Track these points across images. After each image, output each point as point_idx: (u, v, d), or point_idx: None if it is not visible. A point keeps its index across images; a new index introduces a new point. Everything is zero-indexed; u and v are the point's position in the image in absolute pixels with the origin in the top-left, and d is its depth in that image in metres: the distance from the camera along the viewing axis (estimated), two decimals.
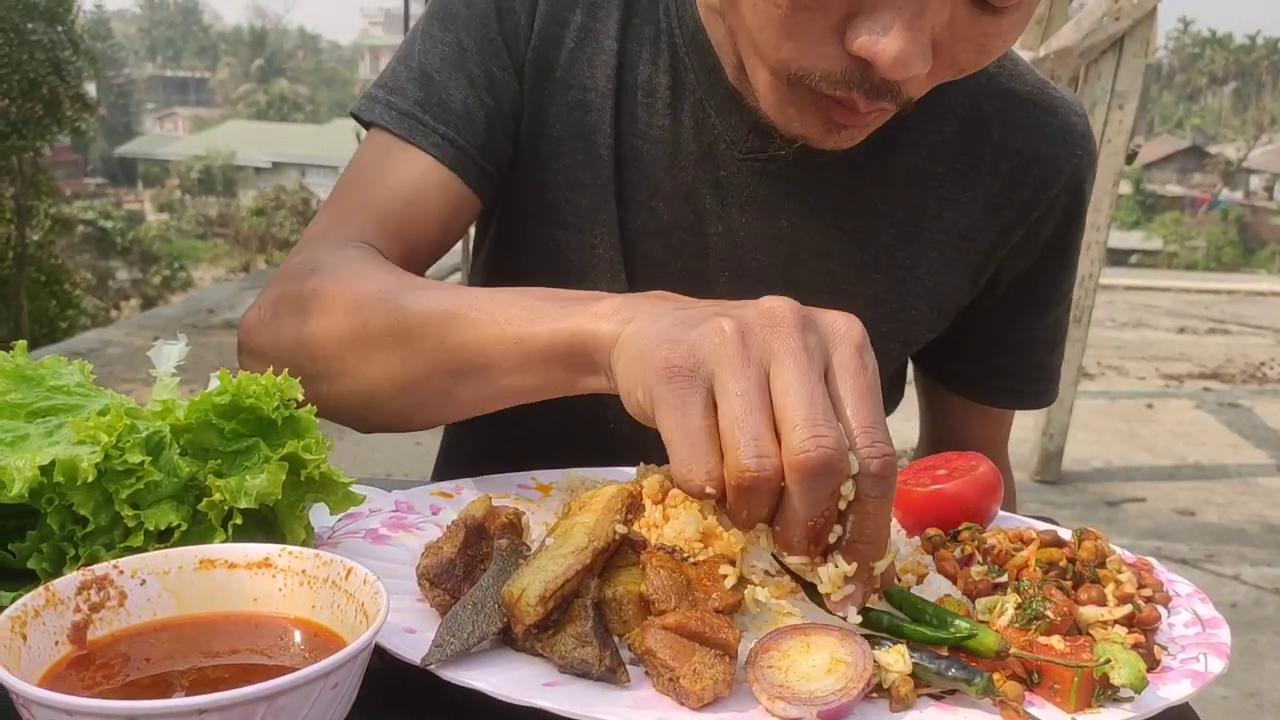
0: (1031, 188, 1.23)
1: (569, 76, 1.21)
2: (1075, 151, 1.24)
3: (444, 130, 1.17)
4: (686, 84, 1.18)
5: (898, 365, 1.35)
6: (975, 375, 1.36)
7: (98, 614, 0.67)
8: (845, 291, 1.22)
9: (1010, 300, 1.31)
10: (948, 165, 1.22)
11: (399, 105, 1.18)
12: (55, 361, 0.85)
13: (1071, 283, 1.35)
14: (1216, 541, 5.88)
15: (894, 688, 0.69)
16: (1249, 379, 10.12)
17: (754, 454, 0.68)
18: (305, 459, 0.79)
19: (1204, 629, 0.82)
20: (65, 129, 14.65)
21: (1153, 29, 5.67)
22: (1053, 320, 1.35)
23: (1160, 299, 14.68)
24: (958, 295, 1.27)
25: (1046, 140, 1.23)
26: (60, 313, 15.22)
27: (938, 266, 1.24)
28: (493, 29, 1.20)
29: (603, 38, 1.20)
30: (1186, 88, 74.46)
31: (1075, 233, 1.30)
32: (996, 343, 1.34)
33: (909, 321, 1.26)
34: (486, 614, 0.72)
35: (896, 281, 1.24)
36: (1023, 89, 1.24)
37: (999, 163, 1.22)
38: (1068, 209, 1.26)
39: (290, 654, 0.67)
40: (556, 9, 1.20)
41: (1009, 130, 1.22)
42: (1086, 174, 1.27)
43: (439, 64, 1.19)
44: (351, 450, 6.74)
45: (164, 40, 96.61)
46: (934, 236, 1.23)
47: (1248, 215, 40.10)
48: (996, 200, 1.23)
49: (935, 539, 0.94)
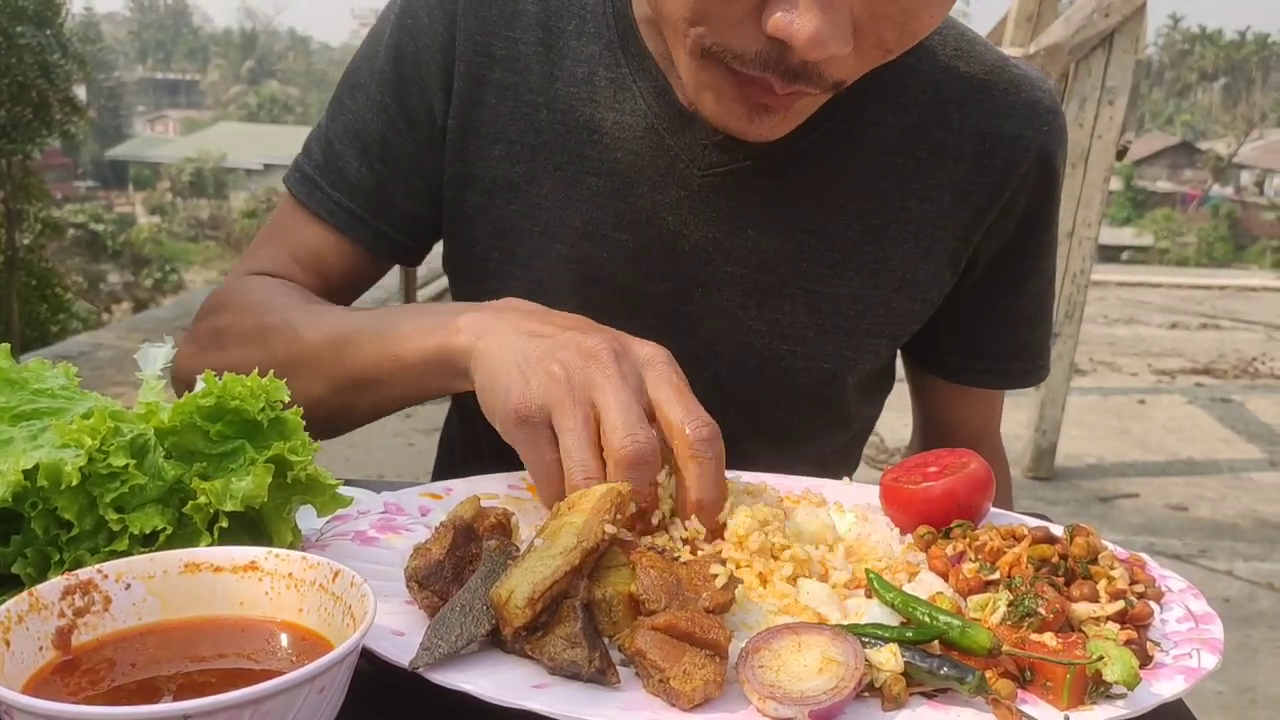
0: (999, 169, 1.22)
1: (495, 131, 1.23)
2: (1041, 127, 1.23)
3: (337, 197, 1.27)
4: (635, 112, 1.19)
5: (886, 360, 1.35)
6: (958, 359, 1.36)
7: (82, 619, 0.66)
8: (819, 293, 1.23)
9: (988, 281, 1.30)
10: (908, 155, 1.21)
11: (304, 168, 1.30)
12: (40, 365, 0.85)
13: (1050, 259, 1.34)
14: (1210, 537, 5.89)
15: (886, 687, 0.69)
16: (1241, 374, 10.15)
17: (581, 476, 0.85)
18: (292, 461, 0.79)
19: (1197, 624, 0.82)
20: (55, 132, 14.59)
21: (1142, 25, 5.68)
22: (1032, 296, 1.34)
23: (1152, 295, 14.72)
24: (939, 284, 1.27)
25: (1011, 120, 1.22)
26: (51, 316, 15.17)
27: (913, 257, 1.23)
28: (389, 99, 1.25)
29: (525, 92, 1.22)
30: (1176, 84, 74.66)
31: (1050, 208, 1.29)
32: (976, 324, 1.33)
33: (890, 315, 1.26)
34: (475, 616, 0.71)
35: (871, 276, 1.23)
36: (981, 70, 1.22)
37: (963, 147, 1.21)
38: (1038, 185, 1.25)
39: (277, 658, 0.67)
40: (474, 68, 1.22)
41: (970, 113, 1.21)
42: (1056, 148, 1.25)
43: (341, 131, 1.28)
44: (343, 452, 6.73)
45: (154, 43, 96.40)
46: (903, 228, 1.22)
47: (1238, 211, 40.21)
48: (964, 185, 1.22)
49: (927, 536, 0.93)
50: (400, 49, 1.24)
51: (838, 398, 1.31)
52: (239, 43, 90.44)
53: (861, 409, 1.38)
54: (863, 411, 1.39)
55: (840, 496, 1.06)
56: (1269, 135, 53.22)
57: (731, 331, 1.24)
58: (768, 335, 1.24)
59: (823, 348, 1.25)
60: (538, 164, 1.22)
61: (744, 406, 1.24)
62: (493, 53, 1.22)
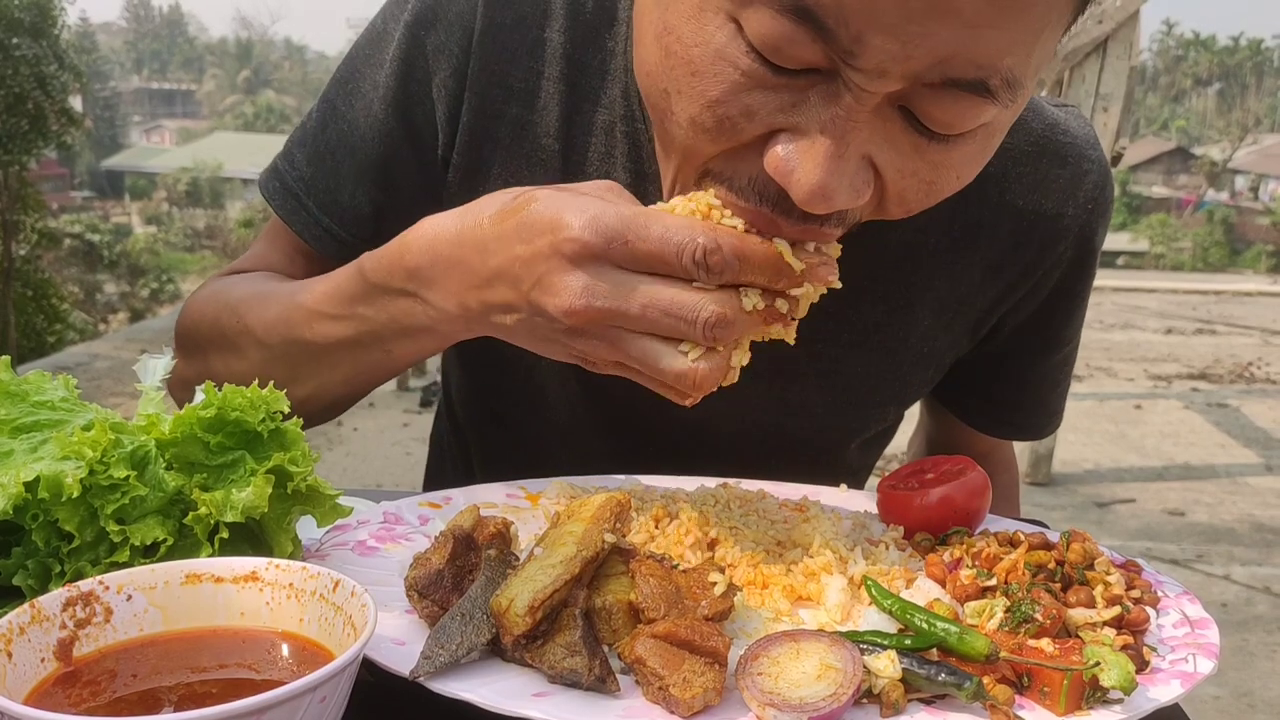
0: (1036, 248, 1.15)
1: (505, 173, 1.12)
2: (1086, 205, 1.15)
3: (326, 223, 1.16)
4: (649, 175, 1.09)
5: (891, 422, 1.32)
6: (975, 405, 1.32)
7: (84, 630, 0.66)
8: (835, 371, 1.17)
9: (1011, 347, 1.24)
10: (940, 234, 1.13)
11: (285, 178, 1.18)
12: (40, 377, 0.85)
13: (1079, 326, 1.27)
14: (1206, 541, 5.90)
15: (884, 693, 0.69)
16: (1237, 379, 10.17)
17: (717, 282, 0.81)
18: (292, 471, 0.79)
19: (1193, 629, 0.82)
20: (51, 143, 14.61)
21: (1136, 31, 5.70)
22: (1058, 361, 1.29)
23: (1148, 300, 14.75)
24: (955, 350, 1.22)
25: (1053, 197, 1.14)
26: (48, 327, 15.15)
27: (933, 331, 1.18)
28: (394, 118, 1.13)
29: (542, 135, 1.11)
30: (1171, 89, 74.82)
31: (1085, 280, 1.21)
32: (996, 384, 1.28)
33: (904, 387, 1.22)
34: (475, 625, 0.71)
35: (888, 354, 1.18)
36: (1026, 142, 1.13)
37: (999, 225, 1.13)
38: (1076, 259, 1.18)
39: (278, 668, 0.67)
40: (488, 101, 1.11)
41: (1009, 188, 1.13)
42: (1099, 224, 1.17)
43: (335, 143, 1.15)
44: (341, 462, 6.73)
45: (150, 53, 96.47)
46: (927, 306, 1.16)
47: (1233, 216, 40.25)
48: (997, 262, 1.15)
49: (924, 543, 0.94)
50: (410, 64, 1.11)
51: (840, 460, 1.29)
52: (235, 52, 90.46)
53: (864, 460, 1.36)
54: (865, 462, 1.37)
55: (838, 504, 1.06)
56: (1264, 140, 53.34)
57: (737, 409, 1.16)
58: (775, 411, 1.19)
59: (830, 420, 1.22)
60: None
61: (744, 468, 1.17)
62: (510, 85, 1.10)
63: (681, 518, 0.93)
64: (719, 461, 1.18)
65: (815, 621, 0.82)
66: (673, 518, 0.94)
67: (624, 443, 1.22)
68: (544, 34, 1.09)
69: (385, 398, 8.84)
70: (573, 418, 1.24)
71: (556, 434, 1.25)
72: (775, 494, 1.05)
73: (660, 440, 1.20)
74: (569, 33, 1.09)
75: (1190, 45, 74.80)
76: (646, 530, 0.93)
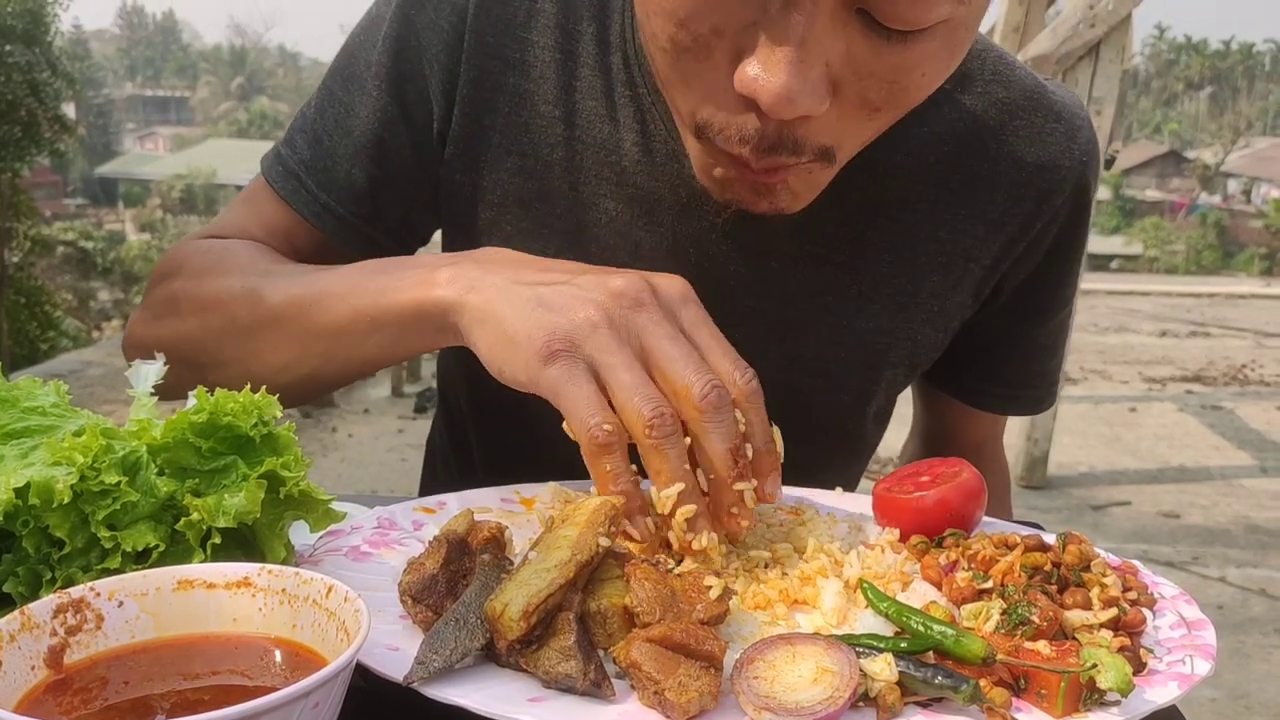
0: (1034, 199, 1.18)
1: (507, 142, 1.14)
2: (1080, 156, 1.18)
3: (324, 199, 1.18)
4: (655, 136, 1.12)
5: (903, 388, 1.32)
6: (972, 382, 1.32)
7: (75, 637, 0.66)
8: (846, 326, 1.18)
9: (1011, 309, 1.26)
10: (941, 186, 1.16)
11: (287, 161, 1.20)
12: (31, 383, 0.84)
13: (1074, 288, 1.30)
14: (1202, 543, 5.91)
15: (880, 696, 0.69)
16: (1230, 381, 10.20)
17: (652, 410, 0.79)
18: (284, 476, 0.78)
19: (1189, 631, 0.82)
20: (44, 150, 14.61)
21: (1128, 35, 5.72)
22: (1054, 326, 1.30)
23: (1142, 303, 14.79)
24: (961, 312, 1.23)
25: (1049, 149, 1.17)
26: (41, 334, 15.13)
27: (942, 288, 1.19)
28: (387, 96, 1.16)
29: (540, 102, 1.13)
30: (1163, 93, 75.08)
31: (1079, 238, 1.25)
32: (995, 350, 1.30)
33: (915, 347, 1.22)
34: (469, 630, 0.71)
35: (899, 309, 1.19)
36: (1019, 95, 1.17)
37: (998, 177, 1.16)
38: (1071, 215, 1.21)
39: (271, 674, 0.67)
40: (485, 73, 1.13)
41: (1006, 141, 1.16)
42: (1091, 180, 1.21)
43: (332, 127, 1.18)
44: (335, 467, 6.72)
45: (143, 60, 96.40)
46: (932, 259, 1.17)
47: (1226, 219, 40.37)
48: (997, 216, 1.18)
49: (920, 546, 0.94)
50: (401, 41, 1.14)
51: (856, 430, 1.28)
52: (228, 59, 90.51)
53: (874, 436, 1.36)
54: (874, 437, 1.37)
55: (833, 507, 1.06)
56: (1255, 143, 53.52)
57: (752, 366, 1.18)
58: (789, 370, 1.19)
59: (844, 381, 1.22)
60: (551, 181, 1.14)
61: None
62: (506, 56, 1.13)
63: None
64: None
65: (811, 625, 0.82)
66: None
67: None
68: (536, 4, 1.13)
69: (379, 404, 8.84)
70: None
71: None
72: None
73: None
74: (561, 3, 1.12)
75: (1182, 49, 75.07)
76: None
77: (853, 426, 1.28)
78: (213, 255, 1.17)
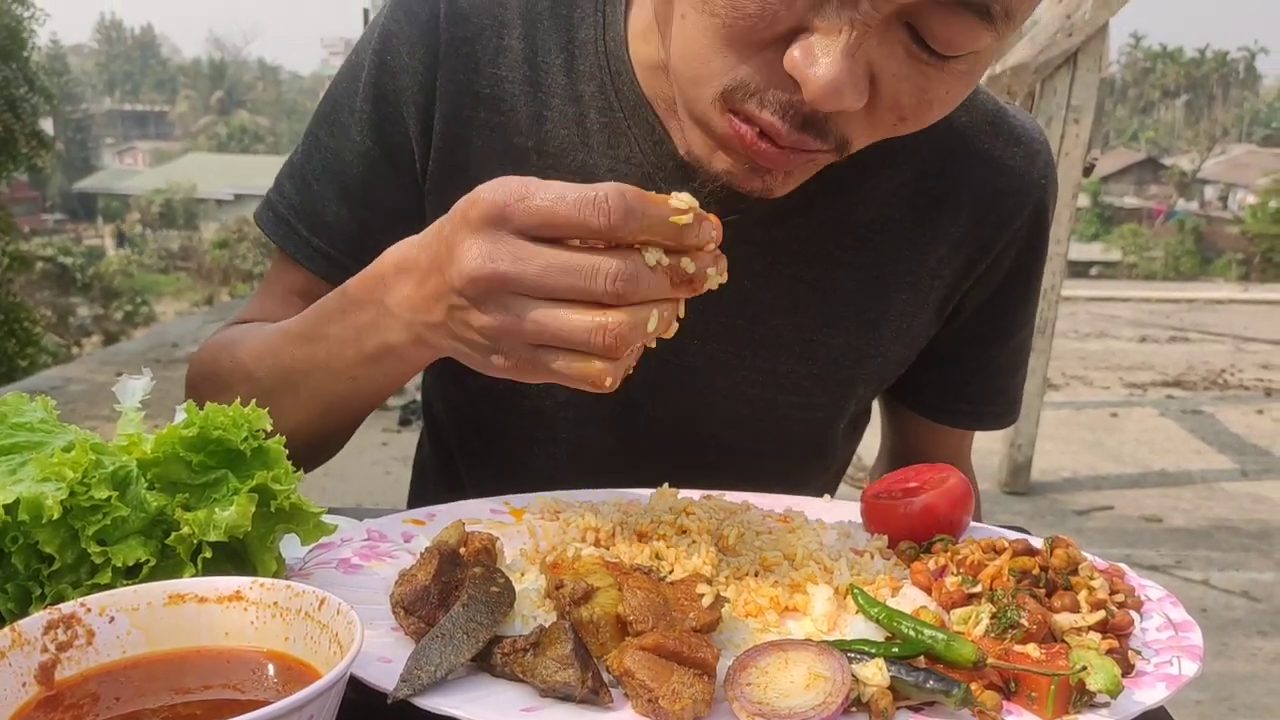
0: (994, 224, 1.21)
1: (483, 175, 1.11)
2: (1039, 181, 1.22)
3: (316, 242, 1.22)
4: (631, 159, 1.14)
5: (870, 402, 1.35)
6: (936, 399, 1.35)
7: (65, 653, 0.66)
8: (816, 343, 1.21)
9: (972, 329, 1.29)
10: (906, 208, 1.19)
11: (277, 207, 1.25)
12: (17, 399, 0.84)
13: (1034, 309, 1.34)
14: (1184, 547, 5.94)
15: (873, 701, 0.69)
16: (1210, 385, 10.26)
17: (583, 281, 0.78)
18: (275, 490, 0.78)
19: (1176, 632, 0.83)
20: (21, 166, 14.51)
21: (1105, 44, 5.77)
22: (1014, 346, 1.34)
23: (1121, 309, 14.88)
24: (927, 330, 1.26)
25: (1008, 174, 1.21)
26: (20, 351, 14.99)
27: (910, 307, 1.22)
28: (370, 141, 1.19)
29: (513, 134, 1.16)
30: (1140, 101, 75.65)
31: (1038, 260, 1.29)
32: (957, 369, 1.32)
33: (885, 364, 1.25)
34: (455, 645, 0.71)
35: (869, 327, 1.22)
36: (981, 120, 1.21)
37: (960, 199, 1.20)
38: (1029, 239, 1.25)
39: (264, 687, 0.67)
40: (458, 108, 1.16)
41: (969, 167, 1.20)
42: (1049, 202, 1.25)
43: (319, 171, 1.22)
44: (320, 481, 6.68)
45: (122, 74, 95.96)
46: (901, 278, 1.21)
47: (1203, 225, 40.66)
48: (959, 238, 1.21)
49: (909, 551, 0.94)
50: (380, 87, 1.18)
51: (829, 443, 1.31)
52: (208, 73, 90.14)
53: (846, 448, 1.38)
54: (846, 450, 1.39)
55: (822, 514, 1.07)
56: (1231, 150, 54.02)
57: (727, 383, 1.21)
58: (762, 385, 1.22)
59: (816, 397, 1.24)
60: None
61: (736, 459, 1.23)
62: (477, 92, 1.16)
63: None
64: (713, 450, 1.21)
65: (802, 631, 0.82)
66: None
67: (616, 434, 1.23)
68: (504, 41, 1.16)
69: None
70: (562, 412, 1.24)
71: (544, 430, 1.26)
72: (760, 505, 1.05)
73: (655, 429, 1.22)
74: (527, 39, 1.16)
75: (1158, 57, 75.67)
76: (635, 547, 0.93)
77: (826, 440, 1.30)
78: (220, 343, 1.20)
